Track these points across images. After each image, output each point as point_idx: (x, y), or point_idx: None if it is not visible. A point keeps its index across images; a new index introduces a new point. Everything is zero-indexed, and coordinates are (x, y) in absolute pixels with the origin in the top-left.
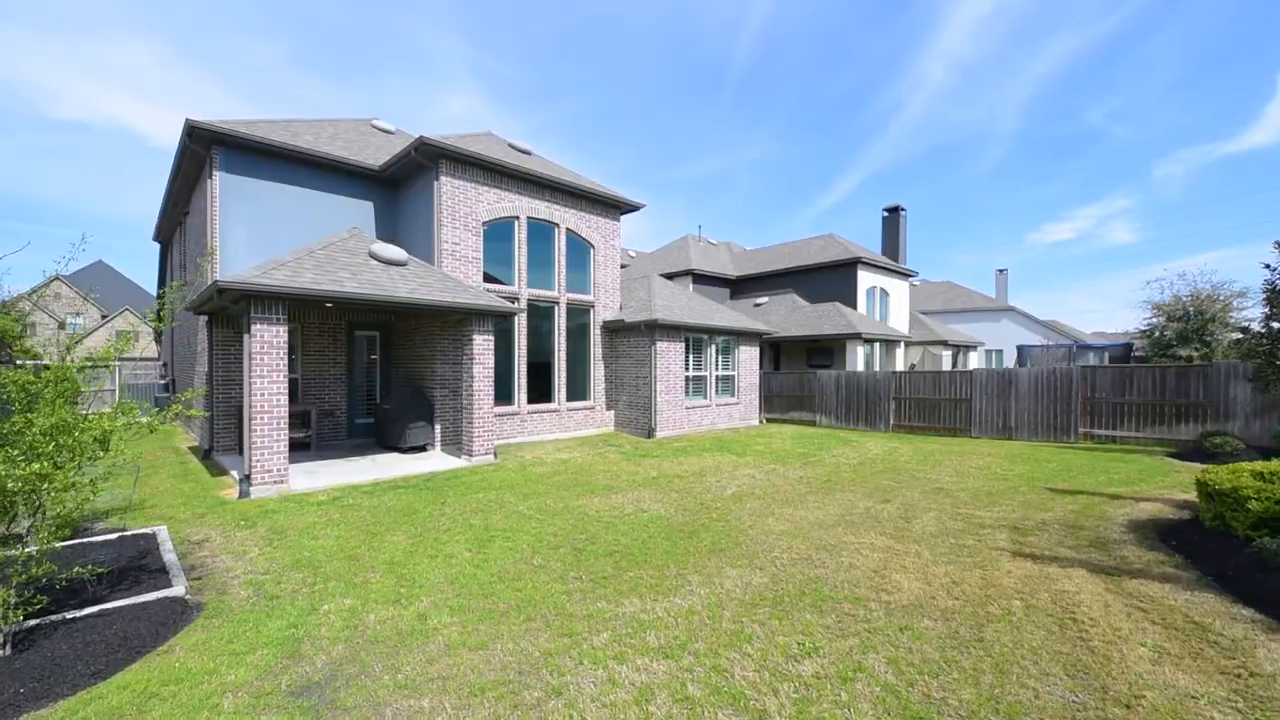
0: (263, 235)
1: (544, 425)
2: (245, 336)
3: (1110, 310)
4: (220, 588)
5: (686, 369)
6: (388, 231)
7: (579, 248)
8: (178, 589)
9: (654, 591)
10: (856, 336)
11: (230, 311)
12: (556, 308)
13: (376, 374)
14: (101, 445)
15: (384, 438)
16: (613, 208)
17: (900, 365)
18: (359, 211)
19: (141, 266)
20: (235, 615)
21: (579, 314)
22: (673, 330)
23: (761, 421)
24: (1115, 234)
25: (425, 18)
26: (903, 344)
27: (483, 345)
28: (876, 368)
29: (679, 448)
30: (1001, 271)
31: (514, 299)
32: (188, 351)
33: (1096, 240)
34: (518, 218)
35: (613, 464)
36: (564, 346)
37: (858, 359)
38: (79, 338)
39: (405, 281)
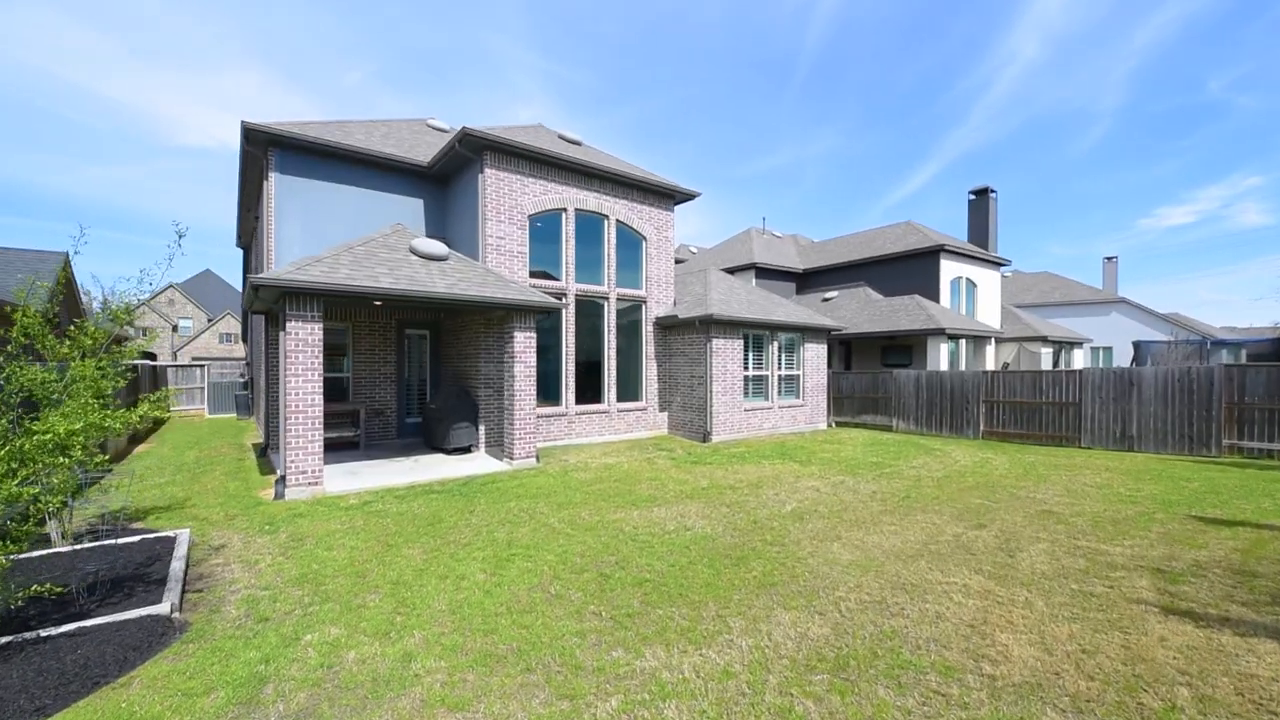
0: (316, 234)
1: (593, 427)
2: (281, 334)
3: (1240, 302)
4: (215, 604)
5: (745, 368)
6: (437, 228)
7: (630, 240)
8: (163, 607)
9: (684, 639)
10: (939, 332)
11: (277, 310)
12: (606, 303)
13: (427, 373)
14: (61, 452)
15: (430, 438)
16: (666, 197)
17: (991, 364)
18: (409, 209)
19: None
20: (214, 641)
21: (630, 310)
22: (730, 326)
23: (829, 425)
24: (1245, 216)
25: (500, 31)
26: (993, 340)
27: (524, 343)
28: (963, 366)
29: (735, 454)
30: (1110, 259)
31: (561, 295)
32: (260, 351)
33: (1223, 223)
34: (565, 210)
35: (660, 471)
36: (614, 344)
37: (940, 357)
38: (103, 338)
39: (444, 277)
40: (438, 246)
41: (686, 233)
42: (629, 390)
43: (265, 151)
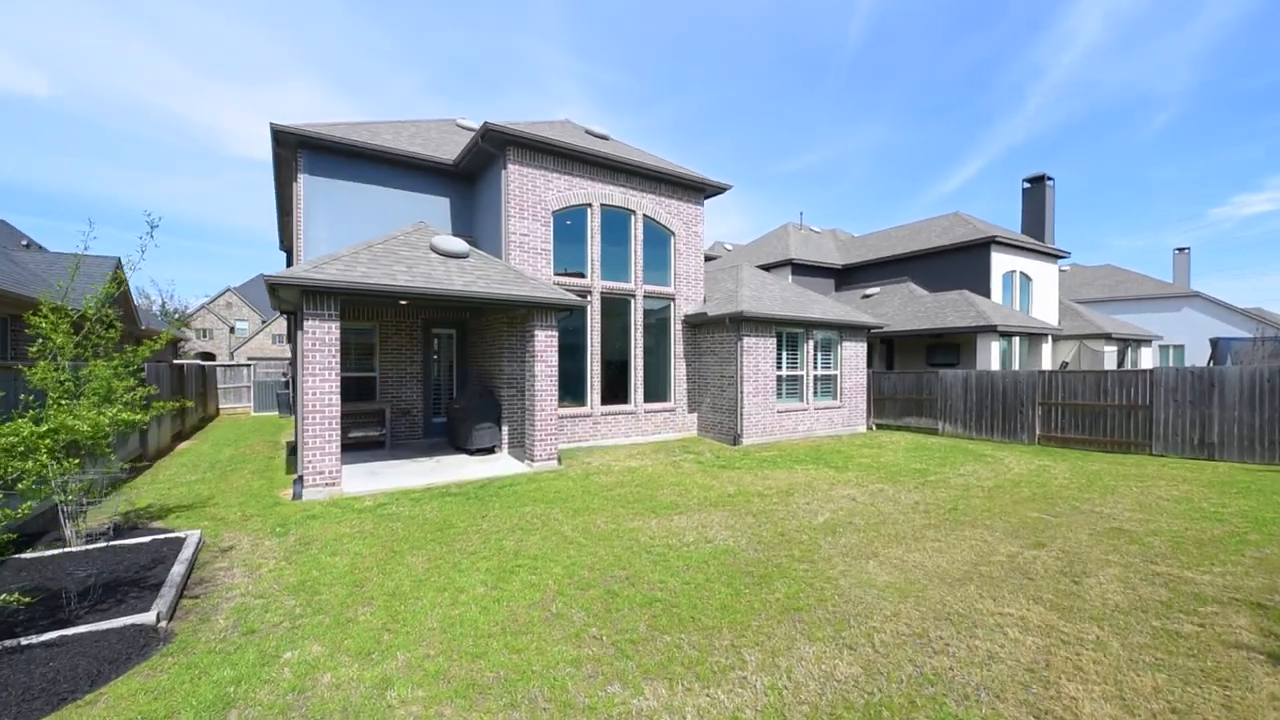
0: (344, 235)
1: (619, 428)
2: (298, 333)
3: None
4: (206, 612)
5: (778, 367)
6: (464, 227)
7: (658, 235)
8: (149, 615)
9: (691, 673)
10: (990, 329)
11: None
12: (633, 301)
13: (453, 373)
14: (26, 455)
15: (454, 438)
16: (695, 191)
17: (1047, 363)
18: (436, 208)
19: None
20: (193, 655)
21: (658, 308)
22: (762, 324)
23: (869, 428)
24: None
25: (539, 35)
26: (1050, 338)
27: (545, 341)
28: (1016, 366)
29: (766, 458)
30: (1181, 250)
31: (586, 292)
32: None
33: None
34: (590, 205)
35: (686, 475)
36: (641, 343)
37: (991, 356)
38: (101, 340)
39: (463, 274)
40: (458, 244)
41: (723, 231)
42: (657, 391)
43: (294, 153)
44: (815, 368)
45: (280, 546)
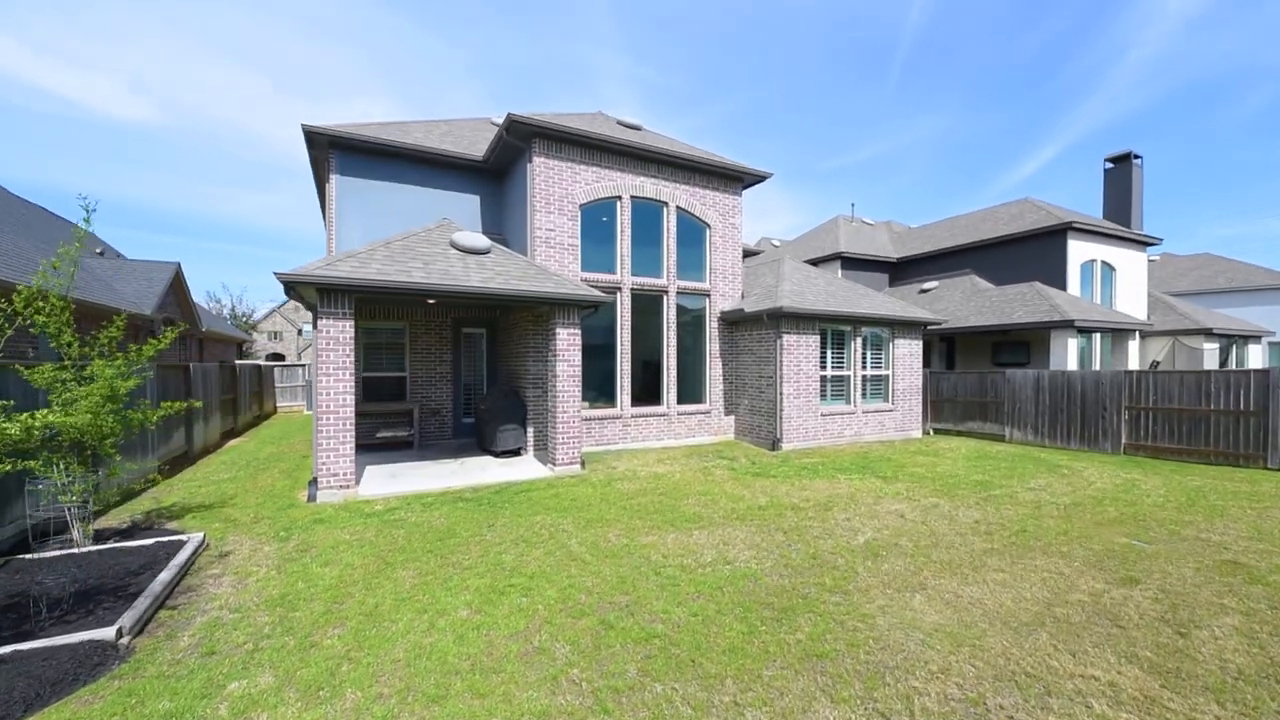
0: (376, 234)
1: (650, 431)
2: (313, 332)
3: None
4: (176, 627)
5: (823, 367)
6: (494, 224)
7: (692, 229)
8: (109, 631)
9: None
10: (1065, 325)
11: None
12: (665, 297)
13: (484, 373)
14: None
15: (480, 440)
16: (732, 180)
17: (1135, 362)
18: (467, 205)
19: None
20: (141, 678)
21: (692, 304)
22: (804, 320)
23: (927, 433)
24: None
25: (593, 40)
26: (1138, 334)
27: (567, 340)
28: (1096, 365)
29: (806, 465)
30: None
31: (615, 289)
32: None
33: None
34: (619, 198)
35: (715, 484)
36: (674, 342)
37: (1067, 354)
38: (103, 342)
39: (481, 270)
40: (479, 240)
41: (774, 228)
42: (691, 391)
43: (326, 154)
44: (864, 367)
45: (277, 553)
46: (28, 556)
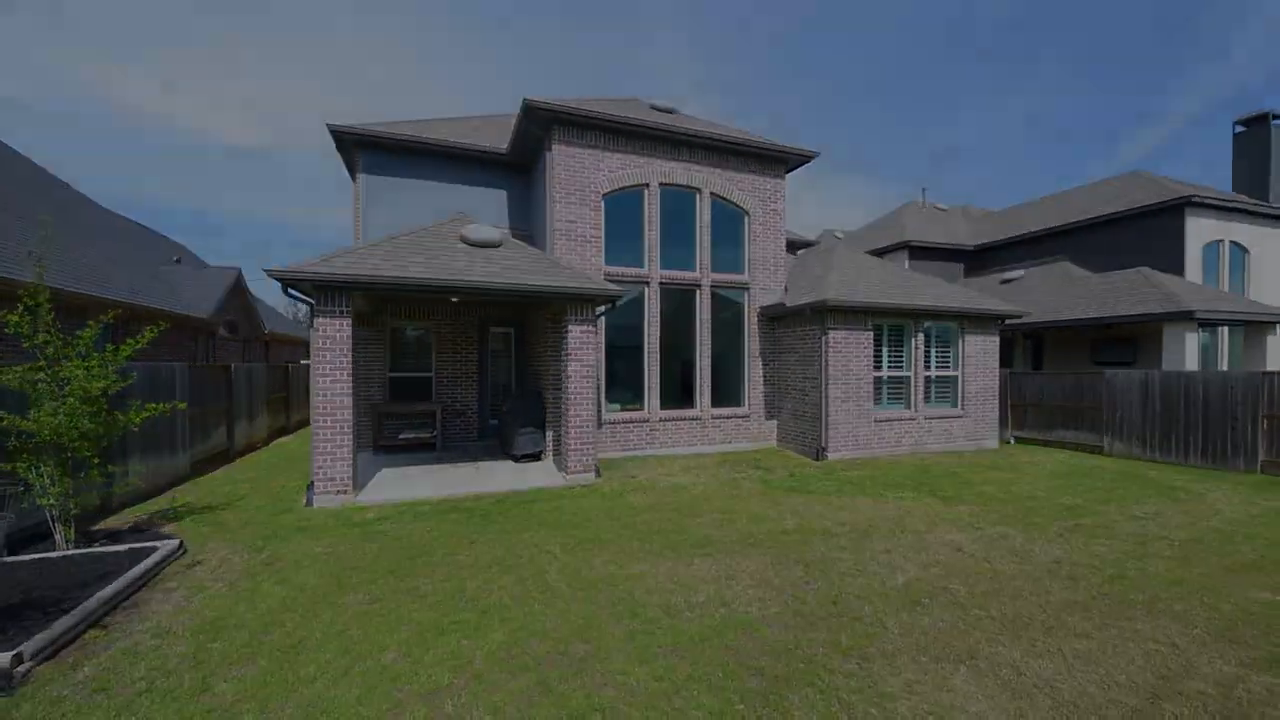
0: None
1: (681, 436)
2: (311, 331)
3: None
4: (91, 653)
5: (878, 367)
6: (521, 219)
7: (728, 216)
8: (4, 657)
9: None
10: (1183, 317)
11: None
12: (698, 292)
13: (511, 373)
14: None
15: (501, 442)
16: (774, 162)
17: (1276, 362)
18: (492, 201)
19: None
20: None
21: (729, 299)
22: (854, 314)
23: (1006, 442)
24: None
25: (653, 49)
26: (1278, 328)
27: (580, 337)
28: (1223, 365)
29: (852, 479)
30: None
31: (643, 282)
32: None
33: None
34: (647, 185)
35: (739, 499)
36: (708, 339)
37: (1186, 352)
38: (83, 343)
39: (487, 264)
40: (489, 233)
41: (842, 219)
42: (727, 394)
43: (353, 154)
44: (927, 367)
45: (243, 565)
46: (4, 559)
